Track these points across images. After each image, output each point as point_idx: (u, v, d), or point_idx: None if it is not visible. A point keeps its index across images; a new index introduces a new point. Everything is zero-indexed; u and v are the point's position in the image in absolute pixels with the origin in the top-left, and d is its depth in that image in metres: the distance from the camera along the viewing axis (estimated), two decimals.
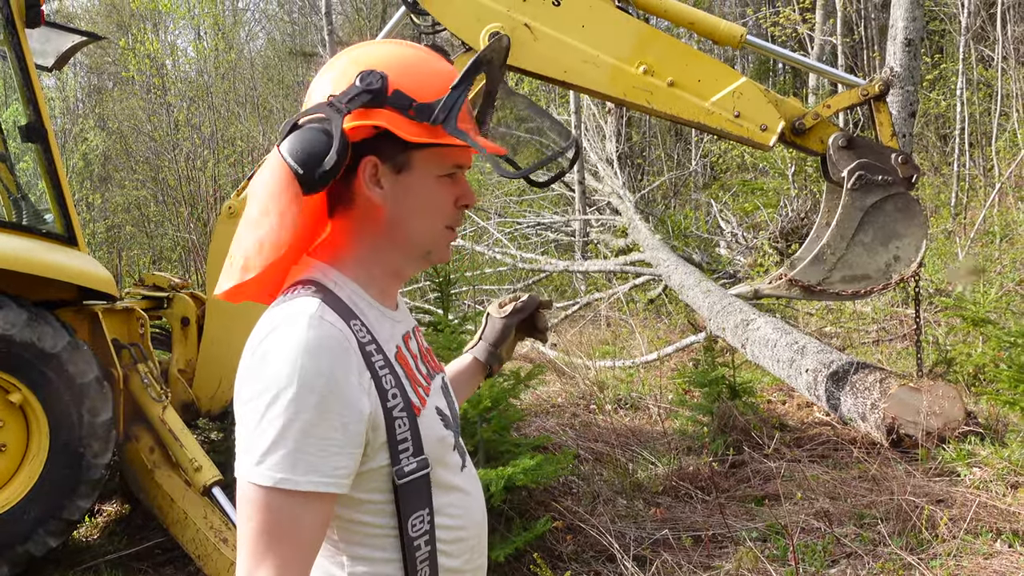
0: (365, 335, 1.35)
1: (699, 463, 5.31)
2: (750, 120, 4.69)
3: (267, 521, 1.24)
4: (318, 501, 1.27)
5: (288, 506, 1.24)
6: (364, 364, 1.32)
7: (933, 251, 9.93)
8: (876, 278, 4.93)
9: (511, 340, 1.96)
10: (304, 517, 1.26)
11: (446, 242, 1.47)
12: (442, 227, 1.45)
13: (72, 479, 4.36)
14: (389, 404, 1.34)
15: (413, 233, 1.43)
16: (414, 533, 1.37)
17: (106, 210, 18.45)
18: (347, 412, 1.27)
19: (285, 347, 1.27)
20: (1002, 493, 4.34)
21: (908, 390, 5.01)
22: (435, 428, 1.43)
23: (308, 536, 1.27)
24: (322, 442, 1.25)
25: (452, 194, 1.44)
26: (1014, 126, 13.03)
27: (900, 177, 4.81)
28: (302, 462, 1.24)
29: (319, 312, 1.31)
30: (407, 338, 1.49)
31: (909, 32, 8.53)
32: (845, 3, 16.45)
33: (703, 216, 14.49)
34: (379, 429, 1.33)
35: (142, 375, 4.69)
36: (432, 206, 1.43)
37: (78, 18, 22.34)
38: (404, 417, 1.35)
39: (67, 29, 5.71)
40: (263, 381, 1.27)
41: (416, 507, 1.37)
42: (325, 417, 1.25)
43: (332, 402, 1.26)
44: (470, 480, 1.52)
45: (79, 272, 4.61)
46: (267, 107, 19.23)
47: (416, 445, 1.37)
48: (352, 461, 1.29)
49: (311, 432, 1.24)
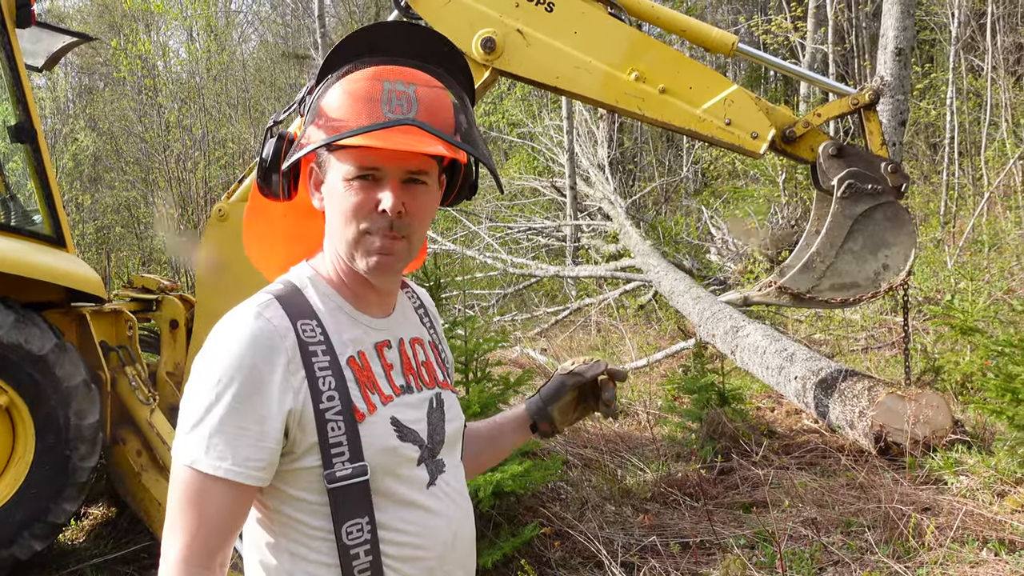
0: (314, 335, 1.39)
1: (687, 470, 5.31)
2: (741, 128, 4.71)
3: (181, 497, 1.34)
4: (227, 487, 1.32)
5: (198, 486, 1.32)
6: (300, 363, 1.36)
7: (922, 260, 9.98)
8: (865, 286, 4.94)
9: (566, 401, 1.81)
10: (213, 499, 1.32)
11: (369, 248, 1.40)
12: (356, 232, 1.39)
13: (58, 482, 4.33)
14: (322, 406, 1.36)
15: (336, 238, 1.43)
16: (350, 541, 1.37)
17: (96, 211, 18.38)
18: (265, 406, 1.32)
19: (220, 339, 1.36)
20: (989, 502, 4.35)
21: (896, 398, 5.02)
22: (383, 437, 1.40)
23: (217, 518, 1.33)
24: (236, 431, 1.32)
25: (368, 197, 1.38)
26: (1003, 136, 13.11)
27: (890, 186, 4.83)
28: (214, 448, 1.31)
29: (260, 309, 1.38)
30: (382, 346, 1.48)
31: (899, 41, 8.57)
32: (836, 12, 16.51)
33: (694, 222, 14.53)
34: (307, 429, 1.35)
35: (130, 378, 4.67)
36: (343, 209, 1.39)
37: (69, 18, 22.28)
38: (339, 421, 1.36)
39: (58, 29, 5.68)
40: (197, 367, 1.36)
41: (352, 514, 1.37)
42: (242, 408, 1.32)
43: (251, 395, 1.32)
44: (440, 500, 1.47)
45: (67, 274, 4.59)
46: (259, 109, 19.20)
47: (354, 451, 1.37)
48: (267, 455, 1.33)
49: (227, 420, 1.31)
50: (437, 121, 1.38)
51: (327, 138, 1.35)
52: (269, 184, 1.51)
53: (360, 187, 1.38)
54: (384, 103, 1.36)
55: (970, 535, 3.98)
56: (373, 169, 1.37)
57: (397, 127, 1.34)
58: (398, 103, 1.36)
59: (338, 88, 1.40)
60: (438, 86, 1.43)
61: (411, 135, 1.35)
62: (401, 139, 1.33)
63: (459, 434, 1.59)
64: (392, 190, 1.37)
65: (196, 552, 1.32)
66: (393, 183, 1.38)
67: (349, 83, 1.39)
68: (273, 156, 1.49)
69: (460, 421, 1.60)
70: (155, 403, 4.64)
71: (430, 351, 1.59)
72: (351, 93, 1.38)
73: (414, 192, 1.40)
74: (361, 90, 1.37)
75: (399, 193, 1.38)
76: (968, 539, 3.95)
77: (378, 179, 1.38)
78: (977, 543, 3.92)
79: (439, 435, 1.51)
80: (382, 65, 1.41)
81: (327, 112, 1.39)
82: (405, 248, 1.42)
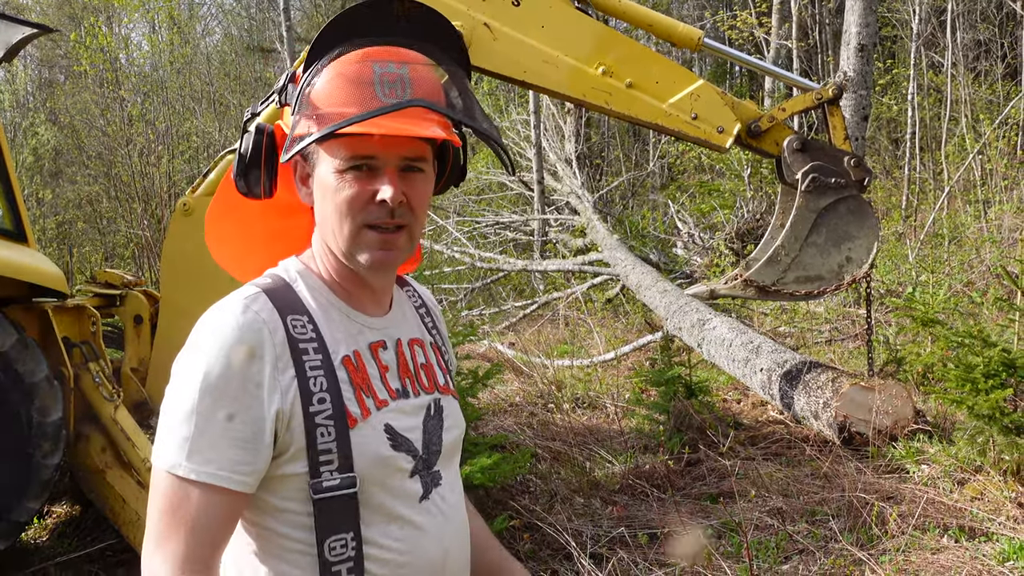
0: (305, 332, 1.30)
1: (655, 461, 5.36)
2: (707, 122, 4.74)
3: (165, 506, 1.23)
4: (214, 493, 1.22)
5: (183, 493, 1.22)
6: (289, 360, 1.27)
7: (884, 253, 10.12)
8: (829, 279, 5.01)
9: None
10: (200, 506, 1.22)
11: (370, 243, 1.32)
12: (354, 227, 1.31)
13: (21, 480, 4.26)
14: (312, 408, 1.26)
15: (329, 234, 1.35)
16: (332, 557, 1.27)
17: (57, 206, 18.09)
18: (252, 406, 1.23)
19: (204, 334, 1.26)
20: (949, 489, 4.44)
21: (859, 389, 5.10)
22: (374, 446, 1.31)
23: (205, 527, 1.23)
24: (223, 432, 1.22)
25: (365, 189, 1.30)
26: (962, 131, 13.33)
27: (853, 180, 4.90)
28: (197, 452, 1.22)
29: (248, 302, 1.29)
30: (377, 347, 1.39)
31: (862, 38, 8.69)
32: (800, 8, 16.68)
33: (660, 217, 14.62)
34: (295, 433, 1.26)
35: (93, 374, 4.60)
36: (337, 204, 1.31)
37: (28, 9, 21.86)
38: (329, 426, 1.27)
39: (17, 21, 5.57)
40: (179, 364, 1.27)
41: (336, 528, 1.27)
42: (227, 408, 1.22)
43: (238, 394, 1.23)
44: (432, 516, 1.38)
45: (29, 269, 4.51)
46: (224, 103, 18.99)
47: (344, 460, 1.27)
48: (254, 457, 1.24)
49: (211, 420, 1.22)
50: (432, 100, 1.29)
51: (325, 128, 1.24)
52: (248, 181, 1.40)
53: (355, 178, 1.29)
54: (377, 86, 1.27)
55: (931, 522, 4.05)
56: (368, 158, 1.29)
57: (393, 112, 1.25)
58: (392, 86, 1.27)
59: (326, 74, 1.31)
60: (430, 64, 1.34)
61: (406, 118, 1.27)
62: (397, 124, 1.25)
63: (458, 443, 1.49)
64: (391, 179, 1.29)
65: (189, 563, 1.22)
66: (390, 172, 1.30)
67: (337, 67, 1.30)
68: (253, 151, 1.38)
69: (460, 429, 1.49)
70: (119, 399, 4.58)
71: (431, 353, 1.50)
72: (341, 78, 1.29)
73: (412, 180, 1.33)
74: (351, 73, 1.28)
75: (398, 182, 1.30)
76: (930, 526, 4.02)
77: (373, 168, 1.30)
78: (938, 530, 3.99)
79: (435, 444, 1.41)
80: (370, 47, 1.31)
81: (317, 101, 1.30)
82: (406, 240, 1.35)
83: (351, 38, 1.33)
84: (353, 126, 1.23)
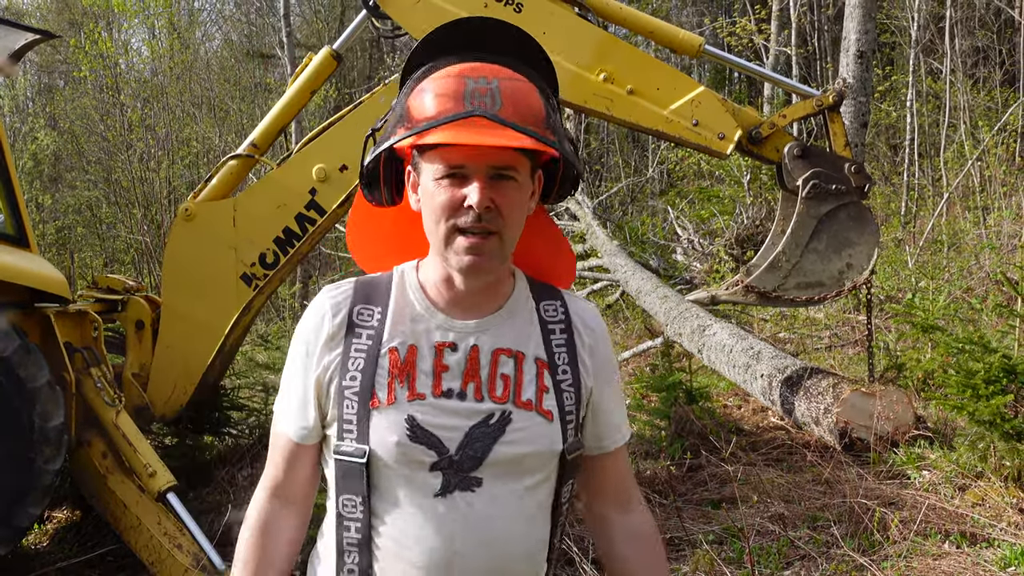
0: (368, 320, 1.49)
1: (656, 467, 5.36)
2: (708, 129, 4.75)
3: (270, 443, 1.59)
4: (283, 440, 1.54)
5: (275, 435, 1.57)
6: (341, 340, 1.47)
7: (884, 259, 10.13)
8: (829, 285, 5.01)
9: None
10: (277, 448, 1.55)
11: (459, 247, 1.40)
12: (447, 228, 1.40)
13: (22, 485, 4.25)
14: (345, 383, 1.45)
15: (430, 236, 1.46)
16: (345, 512, 1.46)
17: (56, 211, 18.09)
18: (302, 373, 1.50)
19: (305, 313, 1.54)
20: (950, 495, 4.44)
21: (860, 395, 5.10)
22: (393, 431, 1.40)
23: (279, 464, 1.55)
24: (292, 392, 1.52)
25: (456, 194, 1.38)
26: (961, 137, 13.34)
27: (853, 186, 4.90)
28: (278, 405, 1.55)
29: (334, 288, 1.53)
30: (443, 347, 1.46)
31: (861, 44, 8.71)
32: (800, 15, 16.73)
33: (660, 223, 14.62)
34: (333, 401, 1.46)
35: (95, 379, 4.60)
36: (433, 208, 1.41)
37: (28, 15, 21.92)
38: (354, 400, 1.44)
39: (17, 26, 5.58)
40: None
41: (347, 488, 1.45)
42: (295, 373, 1.52)
43: (301, 363, 1.50)
44: (446, 514, 1.41)
45: (30, 274, 4.51)
46: (224, 108, 19.00)
47: (361, 433, 1.43)
48: (305, 415, 1.50)
49: (287, 382, 1.54)
50: (522, 113, 1.37)
51: (398, 136, 1.38)
52: (371, 192, 1.56)
53: (448, 185, 1.39)
54: (467, 99, 1.36)
55: (933, 528, 4.05)
56: (458, 167, 1.38)
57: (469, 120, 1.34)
58: (481, 99, 1.35)
59: (420, 88, 1.42)
60: (522, 79, 1.43)
61: (488, 130, 1.34)
62: (472, 135, 1.33)
63: (520, 460, 1.45)
64: (479, 186, 1.37)
65: (268, 485, 1.56)
66: (479, 179, 1.37)
67: (431, 82, 1.41)
68: (371, 164, 1.50)
69: (533, 447, 1.45)
70: (121, 404, 4.58)
71: (529, 368, 1.48)
72: (433, 91, 1.39)
73: (502, 188, 1.39)
74: (444, 87, 1.38)
75: (485, 188, 1.37)
76: (931, 532, 4.02)
77: (464, 176, 1.38)
78: (940, 536, 4.00)
79: (476, 451, 1.42)
80: (464, 63, 1.43)
81: (411, 112, 1.41)
82: (497, 246, 1.40)
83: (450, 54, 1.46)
84: (435, 136, 1.33)
